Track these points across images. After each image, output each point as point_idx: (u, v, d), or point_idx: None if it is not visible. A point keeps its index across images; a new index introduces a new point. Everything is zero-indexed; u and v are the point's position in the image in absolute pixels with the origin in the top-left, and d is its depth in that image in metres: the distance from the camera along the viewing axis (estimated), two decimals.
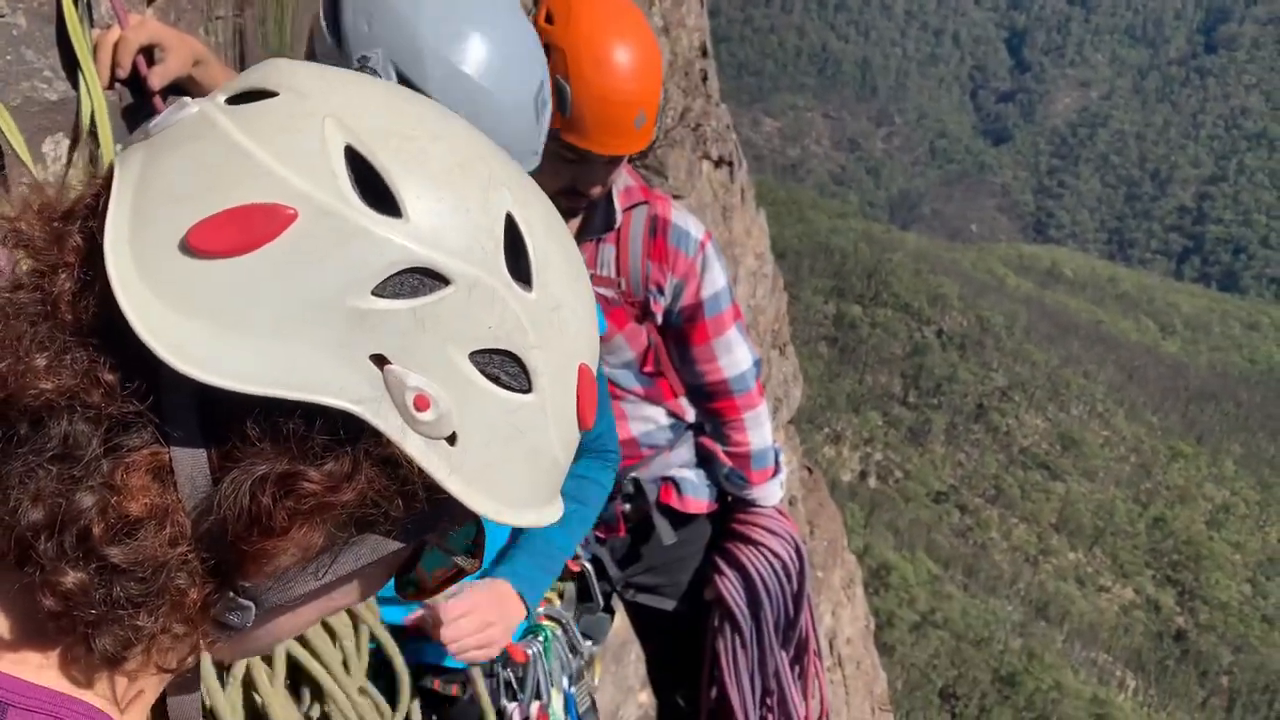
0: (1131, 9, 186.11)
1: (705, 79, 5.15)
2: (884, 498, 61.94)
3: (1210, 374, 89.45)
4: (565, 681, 1.93)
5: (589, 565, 2.33)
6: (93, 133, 1.76)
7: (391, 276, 0.65)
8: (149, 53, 1.86)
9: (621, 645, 3.24)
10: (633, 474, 2.43)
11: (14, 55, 1.73)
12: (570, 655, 1.93)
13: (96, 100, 1.76)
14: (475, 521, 0.76)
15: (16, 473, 0.65)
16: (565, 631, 1.95)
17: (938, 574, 53.83)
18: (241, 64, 2.45)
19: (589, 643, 2.01)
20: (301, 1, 2.61)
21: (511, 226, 0.69)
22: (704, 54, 5.22)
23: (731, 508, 2.55)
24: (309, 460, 0.65)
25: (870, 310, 76.72)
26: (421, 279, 0.65)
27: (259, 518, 0.65)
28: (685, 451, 2.50)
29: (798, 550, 2.49)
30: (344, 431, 0.65)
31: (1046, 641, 52.90)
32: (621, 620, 2.86)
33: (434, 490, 0.67)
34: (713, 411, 2.45)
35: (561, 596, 2.09)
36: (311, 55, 1.54)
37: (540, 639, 1.89)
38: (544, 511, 0.74)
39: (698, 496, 2.49)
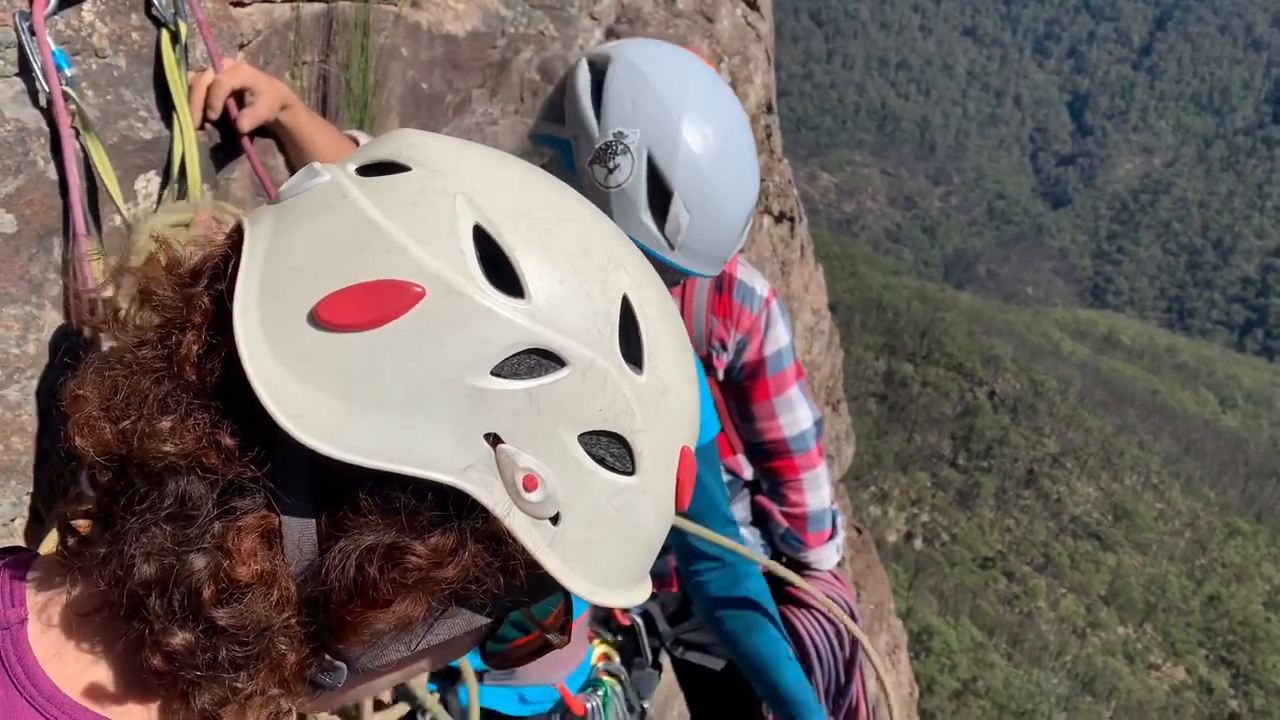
0: (1198, 76, 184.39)
1: (769, 135, 5.18)
2: (929, 560, 60.83)
3: (1271, 450, 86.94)
4: None
5: (639, 620, 2.31)
6: (183, 173, 1.82)
7: (511, 357, 0.65)
8: (239, 96, 1.93)
9: (665, 701, 3.19)
10: None
11: (113, 95, 1.79)
12: (627, 712, 1.92)
13: (188, 141, 1.81)
14: (565, 597, 0.76)
15: (133, 529, 0.66)
16: (624, 688, 1.94)
17: (981, 641, 52.58)
18: (324, 108, 2.52)
19: (645, 702, 1.99)
20: (384, 50, 2.68)
21: (627, 309, 0.70)
22: (769, 110, 5.26)
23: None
24: (416, 534, 0.65)
25: (921, 369, 75.93)
26: (539, 360, 0.66)
27: (364, 588, 0.65)
28: (741, 509, 2.47)
29: (852, 616, 2.45)
30: (453, 507, 0.65)
31: (1092, 718, 51.28)
32: (667, 677, 2.82)
33: (533, 568, 0.68)
34: (771, 470, 2.43)
35: (621, 652, 2.07)
36: (551, 116, 1.59)
37: (600, 693, 1.87)
38: (633, 592, 0.74)
39: None
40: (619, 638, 2.29)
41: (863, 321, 76.52)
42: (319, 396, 0.64)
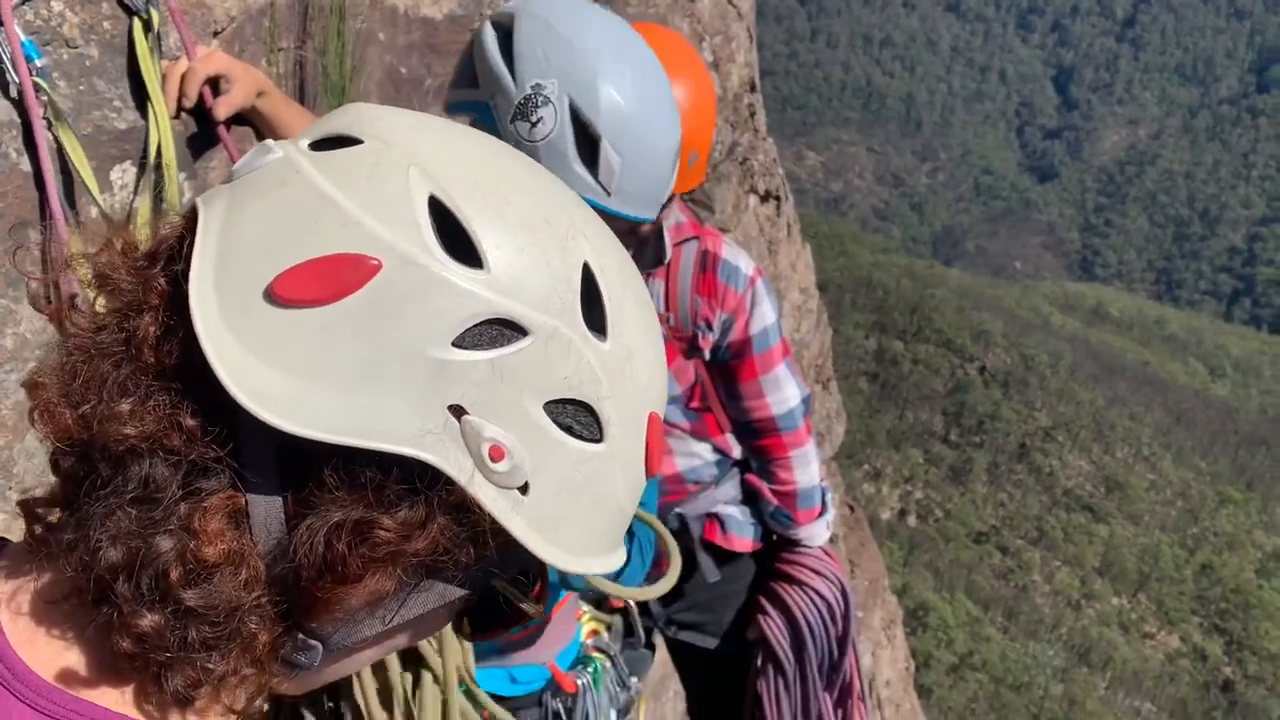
0: (1181, 47, 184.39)
1: (753, 113, 5.16)
2: (923, 537, 61.11)
3: (1261, 418, 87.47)
4: (613, 715, 1.92)
5: (632, 601, 2.31)
6: (159, 162, 1.80)
7: (472, 328, 0.65)
8: (214, 83, 1.91)
9: (660, 681, 3.20)
10: (677, 509, 2.42)
11: (86, 85, 1.78)
12: (619, 689, 1.93)
13: (163, 130, 1.80)
14: (540, 567, 0.75)
15: (97, 514, 0.65)
16: (614, 664, 1.95)
17: (977, 616, 52.89)
18: (301, 94, 2.50)
19: (635, 679, 2.00)
20: (361, 34, 2.66)
21: (588, 276, 0.70)
22: (752, 89, 5.24)
23: (776, 546, 2.52)
24: (384, 508, 0.65)
25: (912, 346, 76.06)
26: (501, 330, 0.66)
27: (333, 564, 0.65)
28: (731, 488, 2.47)
29: (843, 592, 2.45)
30: (419, 480, 0.65)
31: (1088, 688, 51.68)
32: (661, 656, 2.83)
33: (503, 538, 0.68)
34: (759, 448, 2.42)
35: (609, 629, 2.08)
36: (463, 81, 1.58)
37: (590, 670, 1.88)
38: (607, 559, 0.74)
39: (742, 534, 2.46)
40: (612, 617, 2.30)
41: (853, 300, 76.56)
42: (278, 374, 0.64)
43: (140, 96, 1.84)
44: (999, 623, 54.95)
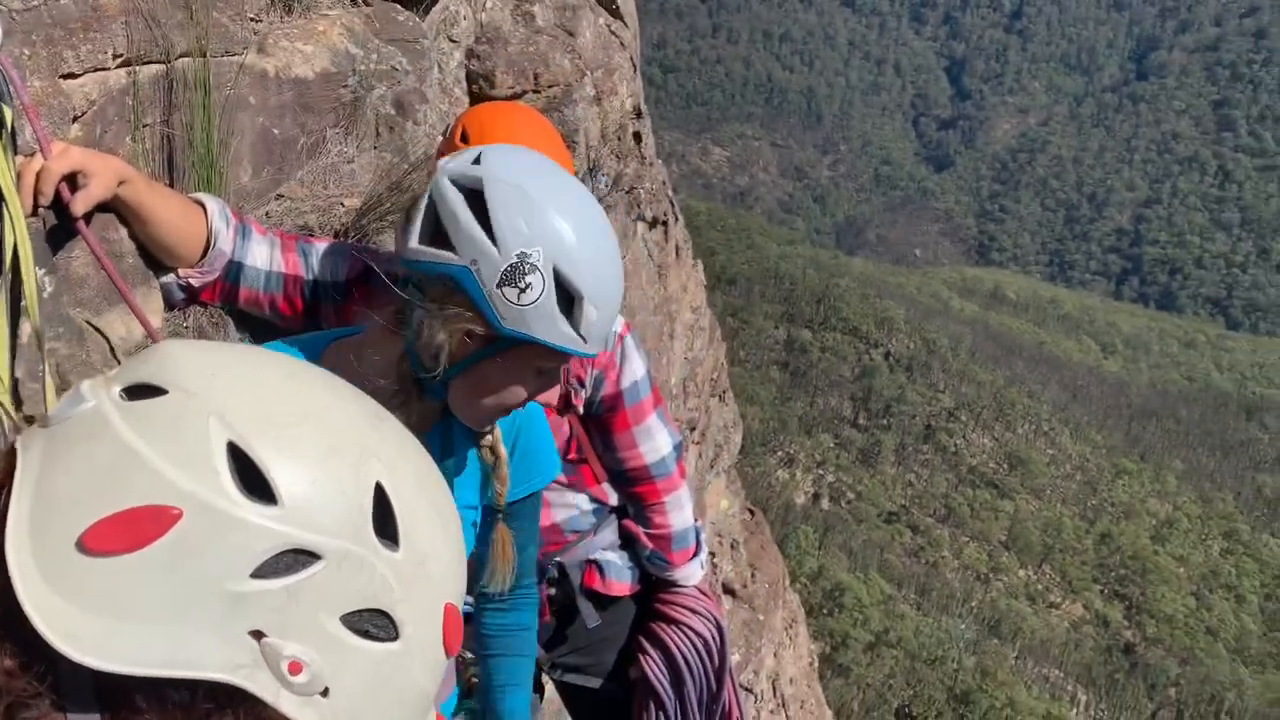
0: (1066, 37, 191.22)
1: (639, 140, 5.27)
2: (837, 519, 62.19)
3: (1151, 392, 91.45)
4: None
5: None
6: (15, 264, 1.82)
7: (268, 560, 0.71)
8: (71, 179, 1.92)
9: (556, 714, 3.30)
10: (557, 559, 2.51)
11: None
12: None
13: (19, 231, 1.81)
14: None
15: None
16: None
17: (891, 594, 54.05)
18: (170, 168, 2.52)
19: None
20: (230, 100, 2.68)
21: (380, 494, 0.76)
22: (638, 115, 5.35)
23: (654, 587, 2.63)
24: None
25: (820, 335, 77.44)
26: (295, 557, 0.71)
27: None
28: (609, 534, 2.57)
29: (719, 628, 2.58)
30: (225, 697, 0.70)
31: (999, 659, 53.26)
32: (552, 694, 2.93)
33: None
34: (635, 495, 2.53)
35: None
36: (434, 242, 1.60)
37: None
38: None
39: (620, 579, 2.57)
40: None
41: (761, 291, 77.62)
42: (89, 616, 0.69)
43: None
44: (912, 599, 56.26)
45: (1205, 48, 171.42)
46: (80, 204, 1.89)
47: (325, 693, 0.72)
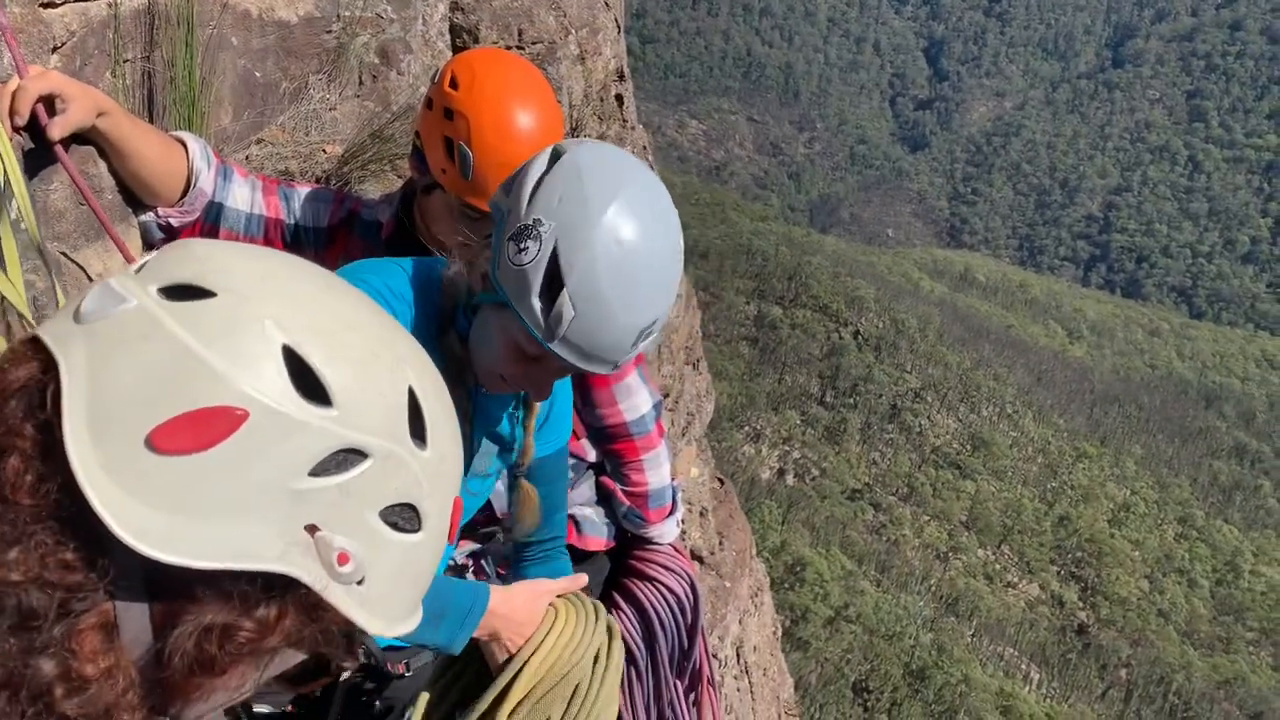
0: (1044, 23, 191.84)
1: (621, 103, 5.24)
2: (801, 495, 62.79)
3: (1114, 378, 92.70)
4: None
5: None
6: (6, 184, 1.77)
7: (323, 459, 0.76)
8: (50, 103, 1.87)
9: None
10: None
11: None
12: None
13: (7, 154, 1.76)
14: (362, 633, 0.85)
15: None
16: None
17: (851, 570, 54.73)
18: (150, 106, 2.47)
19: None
20: (212, 40, 2.63)
21: (413, 398, 0.82)
22: (621, 78, 5.31)
23: (629, 544, 2.64)
24: (246, 612, 0.75)
25: (790, 311, 77.74)
26: (347, 456, 0.77)
27: (204, 664, 0.75)
28: (586, 490, 2.58)
29: (692, 586, 2.60)
30: (278, 586, 0.75)
31: (956, 636, 54.19)
32: None
33: (342, 619, 0.79)
34: (613, 453, 2.53)
35: None
36: (509, 184, 1.68)
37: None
38: (412, 619, 0.86)
39: (597, 534, 2.58)
40: None
41: (733, 267, 77.68)
42: (157, 512, 0.72)
43: None
44: (872, 576, 56.96)
45: (1181, 37, 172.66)
46: (57, 129, 1.85)
47: (361, 581, 0.78)
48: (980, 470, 72.38)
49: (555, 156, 1.64)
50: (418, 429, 0.81)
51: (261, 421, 0.74)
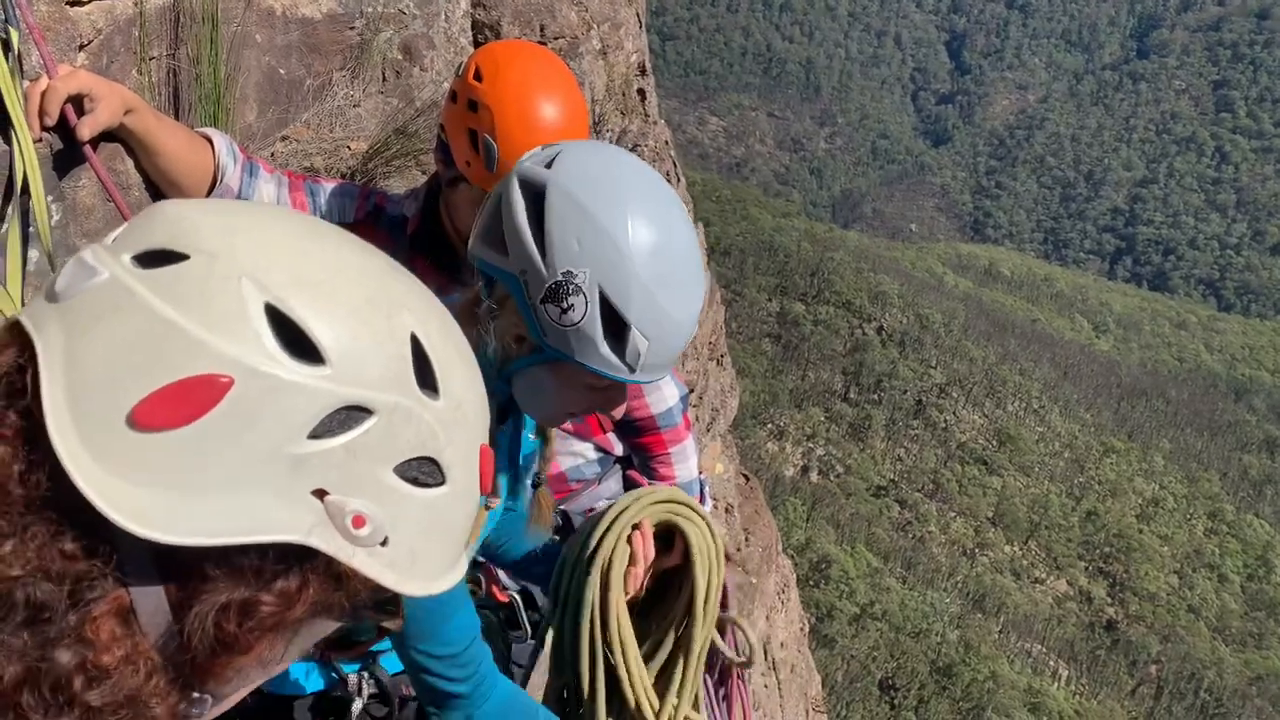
0: (1067, 14, 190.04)
1: (644, 98, 5.23)
2: (825, 492, 62.58)
3: (1141, 372, 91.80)
4: None
5: (517, 596, 2.40)
6: (25, 187, 1.79)
7: (323, 419, 0.71)
8: (78, 102, 1.88)
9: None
10: (561, 506, 2.50)
11: None
12: None
13: (28, 154, 1.78)
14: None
15: None
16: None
17: (877, 567, 54.53)
18: (176, 103, 2.48)
19: (519, 668, 2.14)
20: (237, 38, 2.64)
21: (416, 344, 0.76)
22: (643, 73, 5.30)
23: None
24: (263, 586, 0.71)
25: (813, 308, 77.45)
26: (349, 413, 0.72)
27: (226, 643, 0.71)
28: (614, 484, 2.57)
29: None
30: (294, 557, 0.71)
31: (983, 633, 53.88)
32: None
33: (371, 583, 0.75)
34: (640, 445, 2.52)
35: (500, 627, 2.21)
36: (492, 243, 1.53)
37: None
38: (452, 575, 0.81)
39: None
40: (500, 615, 2.38)
41: (755, 264, 77.47)
42: (151, 493, 0.68)
43: (2, 120, 1.82)
44: (898, 573, 56.70)
45: (1207, 27, 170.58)
46: (86, 128, 1.86)
47: (385, 542, 0.74)
48: (1007, 466, 71.88)
49: (530, 189, 1.49)
50: (426, 377, 0.76)
51: (248, 387, 0.69)
